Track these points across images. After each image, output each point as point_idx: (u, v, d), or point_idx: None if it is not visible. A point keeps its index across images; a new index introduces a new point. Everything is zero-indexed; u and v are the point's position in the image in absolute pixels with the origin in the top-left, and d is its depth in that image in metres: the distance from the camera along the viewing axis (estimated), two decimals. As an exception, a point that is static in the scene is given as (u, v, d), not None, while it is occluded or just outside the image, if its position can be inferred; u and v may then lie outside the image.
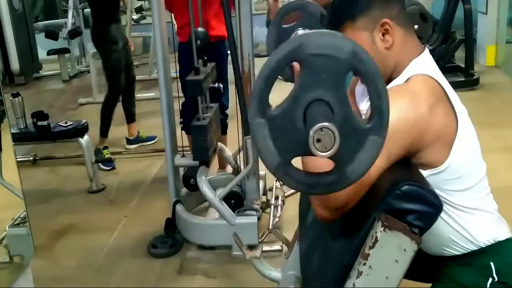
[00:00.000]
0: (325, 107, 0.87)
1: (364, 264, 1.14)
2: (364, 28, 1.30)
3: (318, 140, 0.83)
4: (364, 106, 1.42)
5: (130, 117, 4.34)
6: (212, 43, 2.94)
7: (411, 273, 1.39)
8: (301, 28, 1.65)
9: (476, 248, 1.33)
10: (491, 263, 1.32)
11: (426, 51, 1.35)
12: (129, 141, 4.33)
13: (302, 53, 0.87)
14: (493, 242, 1.34)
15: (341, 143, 0.84)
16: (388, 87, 1.30)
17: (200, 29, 2.73)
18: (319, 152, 0.84)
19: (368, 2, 1.30)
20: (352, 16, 1.30)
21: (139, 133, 4.37)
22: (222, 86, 2.87)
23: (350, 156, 0.90)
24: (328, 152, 0.84)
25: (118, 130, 4.83)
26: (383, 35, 1.30)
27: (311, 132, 0.83)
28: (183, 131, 3.12)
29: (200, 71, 2.64)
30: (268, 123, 0.89)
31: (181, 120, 3.17)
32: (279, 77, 0.94)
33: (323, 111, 0.87)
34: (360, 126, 0.89)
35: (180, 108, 3.10)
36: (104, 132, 4.10)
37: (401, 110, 1.20)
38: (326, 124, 0.83)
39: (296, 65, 1.12)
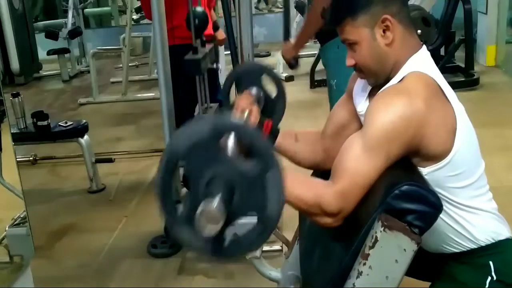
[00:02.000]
0: (215, 186, 0.94)
1: (364, 264, 1.15)
2: (365, 24, 1.30)
3: (209, 219, 0.92)
4: (362, 106, 1.42)
5: None
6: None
7: (411, 271, 1.40)
8: (253, 88, 1.74)
9: (476, 247, 1.34)
10: (490, 262, 1.32)
11: (423, 48, 1.36)
12: None
13: (178, 156, 0.97)
14: (493, 241, 1.34)
15: (245, 198, 0.94)
16: (384, 88, 1.32)
17: (198, 8, 2.69)
18: (211, 230, 0.92)
19: None
20: (352, 12, 1.30)
21: None
22: (220, 67, 2.84)
23: (263, 201, 0.95)
24: (220, 223, 0.92)
25: (118, 130, 4.84)
26: (383, 31, 1.30)
27: (196, 222, 0.92)
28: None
29: (199, 50, 2.62)
30: (184, 223, 0.98)
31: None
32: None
33: (210, 192, 0.94)
34: (252, 173, 0.94)
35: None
36: None
37: (397, 109, 1.21)
38: (201, 208, 0.91)
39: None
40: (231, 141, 1.01)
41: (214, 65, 2.77)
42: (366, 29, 1.30)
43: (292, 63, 2.68)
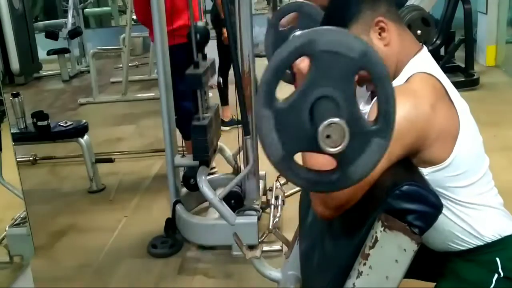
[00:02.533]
0: (333, 105, 0.86)
1: (364, 264, 1.14)
2: (359, 33, 1.30)
3: (328, 136, 0.83)
4: (365, 105, 1.43)
5: (224, 100, 4.56)
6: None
7: (417, 272, 1.39)
8: (298, 30, 1.60)
9: (482, 244, 1.33)
10: (497, 259, 1.32)
11: (424, 48, 1.36)
12: (224, 123, 4.35)
13: (313, 49, 0.85)
14: (499, 237, 1.33)
15: (348, 142, 0.84)
16: None
17: (200, 23, 2.72)
18: (328, 148, 0.83)
19: (358, 7, 1.31)
20: (345, 24, 1.31)
21: (233, 116, 4.50)
22: (221, 81, 2.86)
23: (354, 156, 0.89)
24: (337, 148, 0.83)
25: (118, 130, 4.85)
26: (379, 34, 1.30)
27: (321, 127, 0.82)
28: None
29: (200, 65, 2.65)
30: (274, 116, 0.88)
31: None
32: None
33: (331, 108, 0.85)
34: (366, 128, 0.88)
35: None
36: (224, 101, 4.54)
37: (402, 110, 1.21)
38: (336, 120, 0.82)
39: (299, 65, 1.12)
40: None
41: (215, 79, 2.80)
42: (362, 37, 1.30)
43: None
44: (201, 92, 2.70)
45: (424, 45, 1.37)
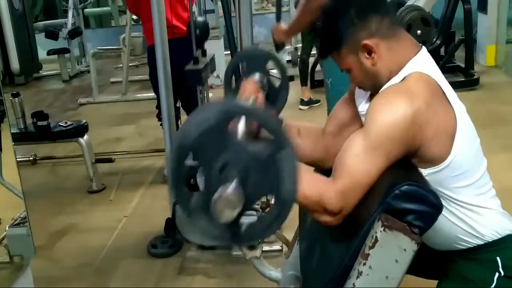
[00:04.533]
0: (229, 171, 0.92)
1: (364, 264, 1.15)
2: (349, 52, 1.33)
3: (226, 206, 0.90)
4: (364, 106, 1.43)
5: (304, 80, 5.00)
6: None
7: (419, 270, 1.41)
8: (257, 73, 1.63)
9: (482, 243, 1.34)
10: (498, 258, 1.33)
11: (423, 49, 1.36)
12: (303, 102, 4.96)
13: (188, 147, 0.93)
14: (499, 236, 1.34)
15: (259, 181, 0.91)
16: (385, 87, 1.32)
17: (199, 18, 2.71)
18: (228, 215, 0.91)
19: (346, 30, 1.32)
20: (336, 46, 1.34)
21: (311, 96, 4.99)
22: (220, 77, 2.86)
23: (276, 181, 0.93)
24: (237, 209, 0.91)
25: (118, 130, 4.85)
26: (368, 53, 1.31)
27: (212, 211, 0.90)
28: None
29: (199, 61, 2.64)
30: (203, 216, 0.95)
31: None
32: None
33: (223, 180, 0.92)
34: (265, 154, 0.92)
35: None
36: (304, 81, 4.99)
37: (399, 109, 1.21)
38: (216, 196, 0.90)
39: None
40: (241, 125, 0.98)
41: (215, 75, 2.80)
42: (352, 56, 1.34)
43: (280, 46, 2.62)
44: (201, 89, 2.69)
45: (423, 46, 1.37)
